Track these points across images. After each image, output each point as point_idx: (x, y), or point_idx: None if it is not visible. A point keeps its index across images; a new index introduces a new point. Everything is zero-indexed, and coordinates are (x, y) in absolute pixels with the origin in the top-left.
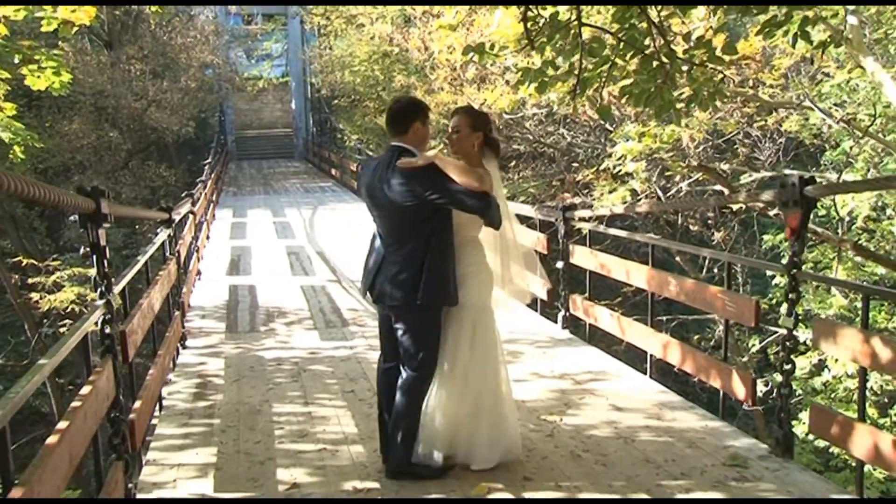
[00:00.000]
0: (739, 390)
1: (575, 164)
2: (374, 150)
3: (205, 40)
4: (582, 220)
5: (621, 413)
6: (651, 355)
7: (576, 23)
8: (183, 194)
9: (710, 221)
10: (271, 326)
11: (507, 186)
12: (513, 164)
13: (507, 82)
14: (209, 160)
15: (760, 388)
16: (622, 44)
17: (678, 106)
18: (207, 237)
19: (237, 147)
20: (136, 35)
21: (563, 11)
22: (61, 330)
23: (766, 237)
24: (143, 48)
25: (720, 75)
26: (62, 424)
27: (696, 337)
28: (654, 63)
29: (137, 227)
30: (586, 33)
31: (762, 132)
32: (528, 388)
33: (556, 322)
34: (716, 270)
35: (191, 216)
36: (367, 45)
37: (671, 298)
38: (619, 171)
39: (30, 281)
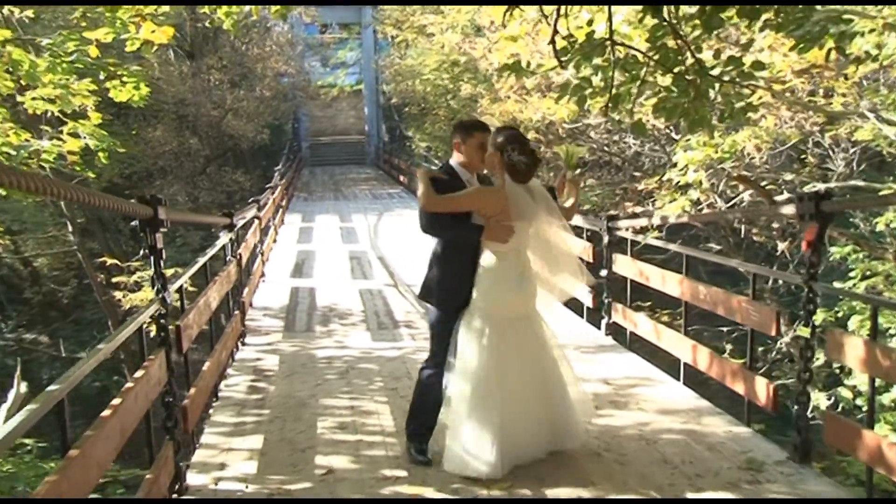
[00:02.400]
0: (761, 396)
1: (639, 174)
2: (442, 158)
3: (280, 50)
4: (640, 230)
5: (649, 416)
6: (684, 363)
7: (609, 42)
8: (249, 200)
9: (774, 232)
10: (326, 327)
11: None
12: (577, 172)
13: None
14: (279, 167)
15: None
16: (654, 61)
17: (711, 120)
18: (275, 241)
19: (311, 153)
20: (217, 46)
21: (599, 32)
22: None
23: (833, 249)
24: (223, 58)
25: (751, 90)
26: (116, 401)
27: (729, 347)
28: (686, 79)
29: (213, 230)
30: (620, 51)
31: (834, 141)
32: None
33: (600, 328)
34: (780, 283)
35: (256, 221)
36: (437, 54)
37: (703, 307)
38: (678, 181)
39: (113, 280)
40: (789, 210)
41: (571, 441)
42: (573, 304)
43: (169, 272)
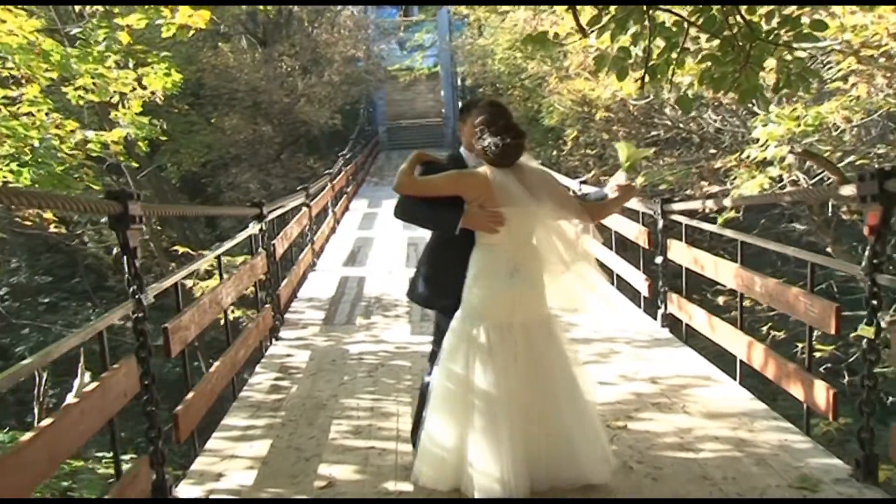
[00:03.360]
0: (820, 402)
1: (715, 151)
2: None
3: (348, 34)
4: (716, 211)
5: (693, 421)
6: (740, 361)
7: (646, 6)
8: (298, 188)
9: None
10: (368, 319)
11: (646, 175)
12: (652, 150)
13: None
14: (343, 151)
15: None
16: (697, 26)
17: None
18: (334, 228)
19: (389, 137)
20: (289, 32)
21: None
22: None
23: None
24: (295, 45)
25: (810, 55)
26: (44, 423)
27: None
28: (734, 45)
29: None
30: (658, 17)
31: None
32: (609, 391)
33: (656, 320)
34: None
35: (305, 208)
36: (510, 32)
37: (756, 299)
38: (755, 158)
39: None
40: (849, 191)
41: (582, 478)
42: (630, 293)
43: (239, 259)
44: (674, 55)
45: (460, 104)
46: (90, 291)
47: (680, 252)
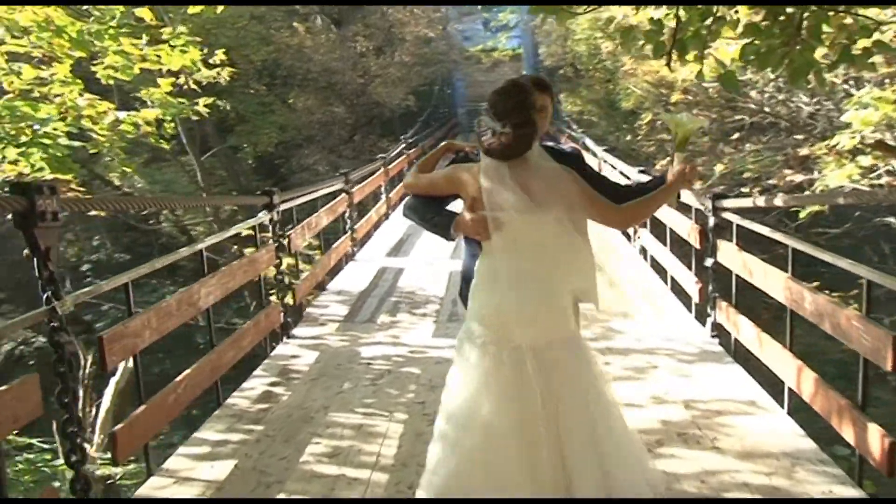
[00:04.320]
0: (874, 450)
1: (801, 137)
2: (597, 124)
3: (423, 14)
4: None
5: (724, 461)
6: (788, 388)
7: None
8: (338, 172)
9: None
10: (392, 317)
11: (727, 162)
12: (735, 136)
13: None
14: (407, 134)
15: None
16: None
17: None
18: (387, 215)
19: (469, 119)
20: (365, 12)
21: None
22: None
23: None
24: (370, 25)
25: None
26: None
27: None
28: (784, 14)
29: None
30: None
31: None
32: (636, 417)
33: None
34: None
35: (344, 195)
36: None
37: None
38: (845, 146)
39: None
40: None
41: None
42: (683, 296)
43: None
44: (708, 23)
45: None
46: (166, 270)
47: (730, 254)
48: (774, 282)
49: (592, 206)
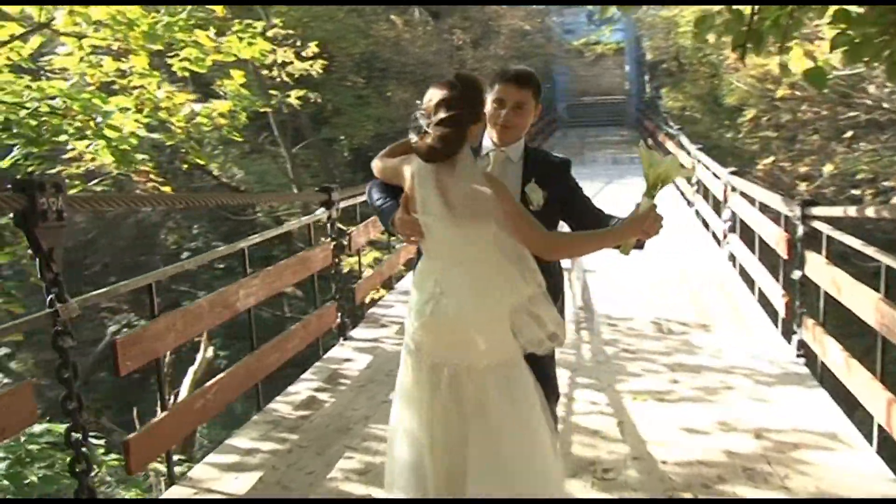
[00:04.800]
0: None
1: None
2: (699, 120)
3: (519, 7)
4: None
5: None
6: (878, 423)
7: None
8: None
9: None
10: None
11: (838, 162)
12: (848, 134)
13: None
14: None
15: None
16: None
17: None
18: None
19: (569, 114)
20: (464, 6)
21: None
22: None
23: None
24: (468, 18)
25: None
26: None
27: None
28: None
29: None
30: None
31: None
32: (694, 445)
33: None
34: None
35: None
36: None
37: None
38: None
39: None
40: None
41: None
42: (771, 309)
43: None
44: (789, 11)
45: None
46: (260, 260)
47: (818, 268)
48: (864, 302)
49: (516, 229)
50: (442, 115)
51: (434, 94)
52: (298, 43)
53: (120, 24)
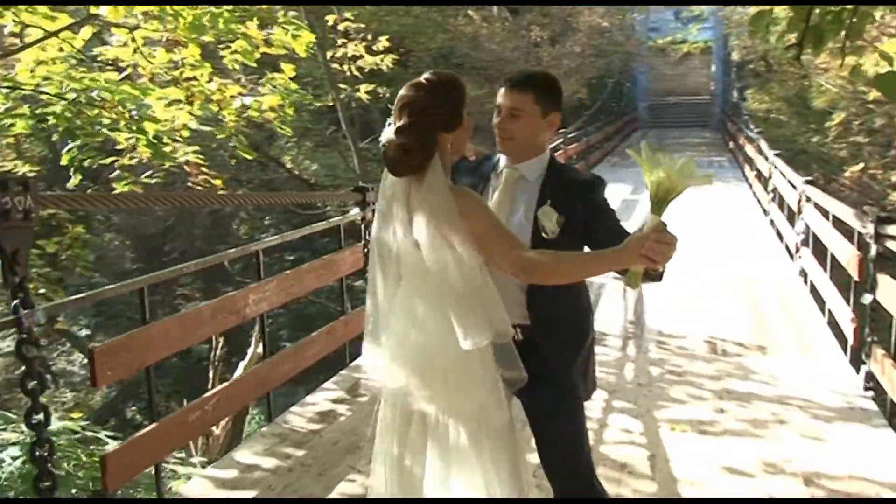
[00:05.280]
0: None
1: None
2: (785, 123)
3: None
4: None
5: None
6: None
7: None
8: None
9: None
10: None
11: None
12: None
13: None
14: (567, 129)
15: None
16: None
17: None
18: None
19: (650, 114)
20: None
21: None
22: None
23: None
24: (547, 14)
25: None
26: None
27: None
28: None
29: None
30: None
31: None
32: (735, 486)
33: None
34: None
35: None
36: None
37: None
38: None
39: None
40: None
41: None
42: (839, 333)
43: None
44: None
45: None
46: (329, 252)
47: (891, 293)
48: None
49: (486, 249)
50: (403, 120)
51: (400, 97)
52: (370, 37)
53: (167, 16)
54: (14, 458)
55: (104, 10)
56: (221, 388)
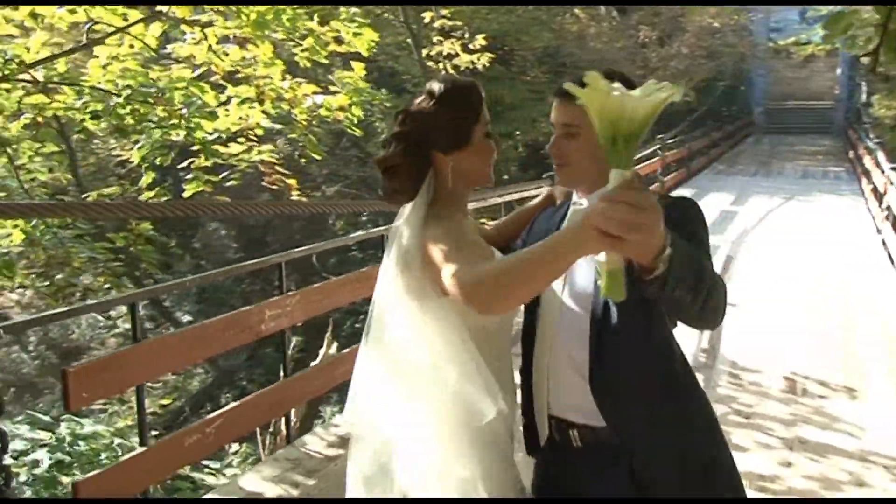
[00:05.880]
0: None
1: None
2: None
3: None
4: None
5: None
6: None
7: None
8: (544, 174)
9: None
10: None
11: None
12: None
13: None
14: (666, 135)
15: None
16: None
17: None
18: None
19: (767, 119)
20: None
21: None
22: None
23: None
24: (658, 13)
25: None
26: None
27: None
28: None
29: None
30: None
31: None
32: None
33: None
34: None
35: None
36: None
37: None
38: None
39: None
40: None
41: None
42: None
43: None
44: None
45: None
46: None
47: None
48: None
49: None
50: (391, 138)
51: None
52: (467, 35)
53: (233, 13)
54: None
55: (172, 7)
56: (228, 409)
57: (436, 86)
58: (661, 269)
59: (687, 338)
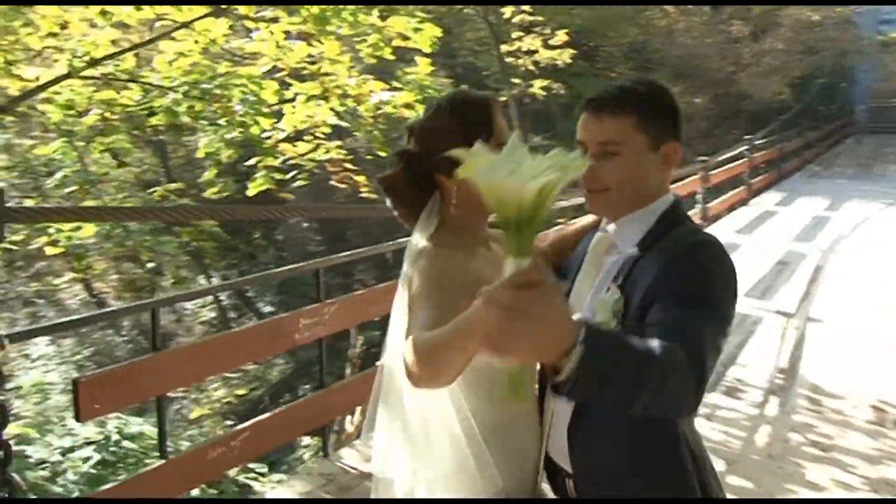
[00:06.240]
0: None
1: None
2: None
3: None
4: None
5: None
6: None
7: None
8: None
9: None
10: None
11: None
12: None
13: None
14: (754, 135)
15: None
16: None
17: None
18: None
19: (870, 118)
20: None
21: None
22: None
23: None
24: (751, 8)
25: None
26: None
27: None
28: None
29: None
30: None
31: None
32: None
33: None
34: None
35: None
36: None
37: None
38: None
39: None
40: None
41: None
42: None
43: None
44: None
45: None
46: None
47: None
48: None
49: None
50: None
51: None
52: (548, 31)
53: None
54: (84, 460)
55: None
56: (254, 422)
57: (445, 100)
58: (567, 372)
59: (764, 356)
